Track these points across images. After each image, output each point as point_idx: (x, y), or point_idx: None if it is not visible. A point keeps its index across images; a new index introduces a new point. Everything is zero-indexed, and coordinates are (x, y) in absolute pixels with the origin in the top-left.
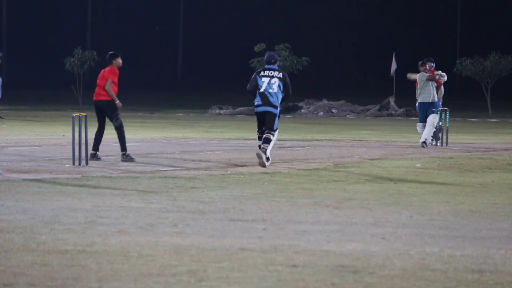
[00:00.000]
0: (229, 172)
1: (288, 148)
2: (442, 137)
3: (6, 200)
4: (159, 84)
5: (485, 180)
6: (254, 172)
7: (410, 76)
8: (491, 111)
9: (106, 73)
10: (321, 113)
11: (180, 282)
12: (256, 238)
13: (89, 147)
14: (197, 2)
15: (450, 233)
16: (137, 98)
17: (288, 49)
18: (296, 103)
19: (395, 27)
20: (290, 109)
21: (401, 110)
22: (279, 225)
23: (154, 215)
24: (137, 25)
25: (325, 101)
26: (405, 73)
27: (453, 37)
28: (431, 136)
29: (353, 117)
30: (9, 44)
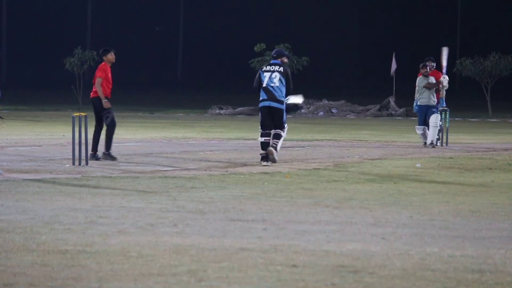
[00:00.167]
0: (229, 172)
1: (288, 148)
2: (442, 137)
3: (6, 200)
4: (159, 84)
5: (485, 180)
6: (254, 172)
7: (429, 85)
8: (491, 111)
9: (97, 70)
10: (321, 113)
11: (180, 282)
12: (256, 238)
13: (89, 147)
14: (197, 2)
15: (450, 233)
16: (137, 98)
17: (288, 49)
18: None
19: (395, 27)
20: (290, 109)
21: (401, 110)
22: (279, 225)
23: (154, 215)
24: (137, 25)
25: (325, 101)
26: (405, 73)
27: (453, 37)
28: (436, 136)
29: (353, 117)
30: (9, 44)
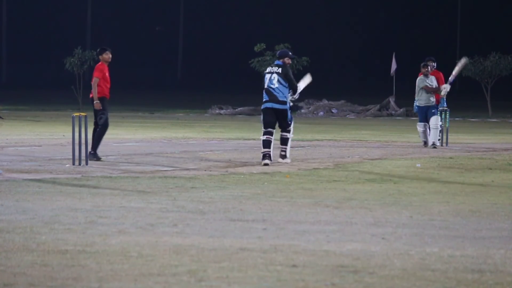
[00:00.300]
0: (229, 172)
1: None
2: (442, 137)
3: (6, 200)
4: (159, 84)
5: (485, 180)
6: (254, 172)
7: (427, 88)
8: (491, 111)
9: (94, 70)
10: (321, 113)
11: (180, 282)
12: (256, 238)
13: (89, 147)
14: (197, 2)
15: (450, 233)
16: (137, 98)
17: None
18: (296, 103)
19: (395, 27)
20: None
21: (401, 110)
22: (279, 225)
23: (154, 215)
24: (137, 25)
25: (325, 101)
26: (405, 73)
27: (453, 37)
28: (437, 137)
29: (353, 117)
30: (9, 44)
